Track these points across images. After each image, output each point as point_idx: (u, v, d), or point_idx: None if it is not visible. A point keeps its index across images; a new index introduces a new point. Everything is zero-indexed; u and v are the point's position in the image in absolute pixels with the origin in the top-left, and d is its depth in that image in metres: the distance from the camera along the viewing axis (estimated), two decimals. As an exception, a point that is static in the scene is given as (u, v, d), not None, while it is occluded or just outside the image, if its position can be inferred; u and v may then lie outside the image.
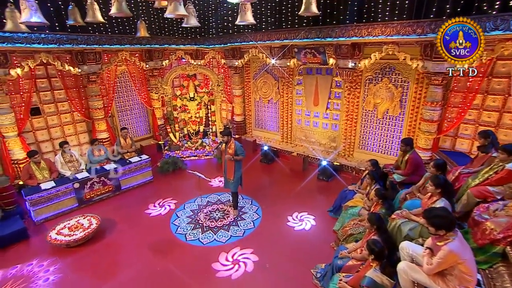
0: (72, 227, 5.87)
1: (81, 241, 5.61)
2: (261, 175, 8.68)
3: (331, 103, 8.75)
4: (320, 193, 7.53)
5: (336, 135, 8.90)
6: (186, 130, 10.05)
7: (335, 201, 6.58)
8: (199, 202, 7.06)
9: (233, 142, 6.13)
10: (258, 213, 6.59)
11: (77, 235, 5.63)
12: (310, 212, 6.59)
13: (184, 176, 8.47)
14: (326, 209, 6.65)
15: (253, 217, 6.46)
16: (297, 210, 6.66)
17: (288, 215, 6.51)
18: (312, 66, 8.68)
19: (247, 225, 6.19)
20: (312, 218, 6.40)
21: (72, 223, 5.98)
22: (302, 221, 6.33)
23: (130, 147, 8.52)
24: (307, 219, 6.37)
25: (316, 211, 6.64)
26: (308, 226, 6.16)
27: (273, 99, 10.12)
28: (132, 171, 7.74)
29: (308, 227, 6.11)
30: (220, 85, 9.71)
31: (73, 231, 5.76)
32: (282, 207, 6.80)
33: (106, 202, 7.24)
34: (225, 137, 6.10)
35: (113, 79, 9.33)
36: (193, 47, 10.65)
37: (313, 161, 9.01)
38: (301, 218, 6.44)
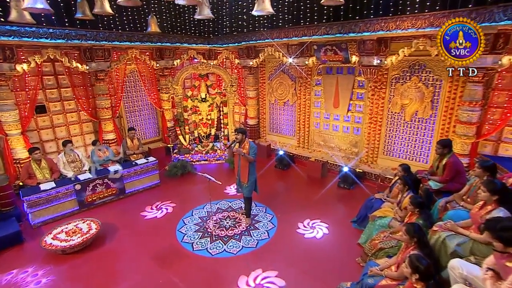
0: (70, 231, 5.44)
1: (78, 248, 5.17)
2: (276, 181, 8.16)
3: (352, 105, 8.23)
4: (342, 202, 6.96)
5: (358, 139, 8.33)
6: (197, 133, 9.64)
7: (360, 211, 5.98)
8: (208, 208, 6.57)
9: (248, 142, 5.66)
10: (273, 222, 6.06)
11: (74, 241, 5.19)
12: (330, 223, 6.03)
13: (193, 181, 8.06)
14: (349, 219, 6.07)
15: (268, 226, 5.92)
16: (315, 220, 6.11)
17: (305, 225, 5.96)
18: (332, 65, 8.20)
19: (261, 235, 5.65)
20: (331, 229, 5.83)
21: (70, 228, 5.55)
22: (320, 230, 5.75)
23: (137, 149, 8.13)
24: (326, 229, 5.80)
25: (336, 221, 6.08)
26: (328, 237, 5.58)
27: (290, 101, 9.67)
28: (137, 173, 7.34)
29: (328, 239, 5.53)
30: (234, 85, 9.29)
31: (70, 236, 5.32)
32: (299, 217, 6.25)
33: (109, 206, 6.82)
34: (239, 135, 5.61)
35: (122, 78, 9.05)
36: (206, 46, 10.38)
37: (333, 167, 8.45)
38: (320, 228, 5.87)
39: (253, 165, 5.75)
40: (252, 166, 5.72)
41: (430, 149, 7.06)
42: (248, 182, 5.72)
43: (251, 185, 5.77)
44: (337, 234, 5.68)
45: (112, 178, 6.87)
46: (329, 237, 5.58)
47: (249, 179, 5.70)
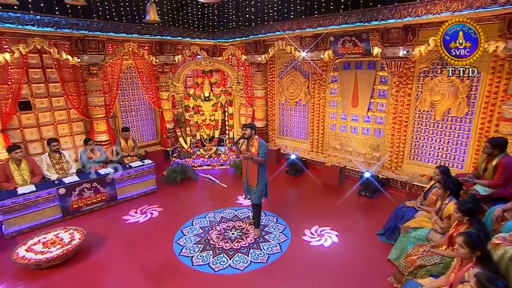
0: (48, 242, 4.83)
1: (57, 261, 4.55)
2: (288, 188, 7.57)
3: (374, 103, 7.65)
4: (364, 212, 6.34)
5: (380, 142, 7.71)
6: (199, 135, 9.10)
7: (388, 222, 5.33)
8: (210, 217, 5.96)
9: (257, 140, 5.12)
10: (285, 234, 5.43)
11: (53, 253, 4.58)
12: (352, 236, 5.40)
13: (194, 187, 7.51)
14: (374, 232, 5.43)
15: (280, 238, 5.30)
16: (334, 232, 5.49)
17: (321, 235, 5.31)
18: (350, 59, 7.69)
19: (272, 248, 5.02)
20: (354, 243, 5.18)
21: (49, 238, 4.94)
22: (341, 244, 5.10)
23: (132, 150, 7.58)
24: (348, 244, 5.15)
25: (359, 234, 5.46)
26: (351, 253, 4.92)
27: (302, 101, 9.14)
28: (131, 177, 6.76)
29: (352, 255, 4.87)
30: (241, 83, 8.76)
31: (48, 247, 4.71)
32: (315, 227, 5.61)
33: (98, 214, 6.24)
34: (247, 130, 5.08)
35: (118, 74, 8.59)
36: (210, 41, 10.00)
37: (352, 173, 7.83)
38: (340, 241, 5.21)
39: (264, 167, 5.20)
40: (262, 167, 5.17)
41: (466, 152, 6.41)
42: (257, 186, 5.16)
43: (260, 190, 5.21)
44: (362, 249, 5.02)
45: (103, 182, 6.29)
46: (352, 253, 4.93)
47: (259, 182, 5.15)
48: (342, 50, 7.38)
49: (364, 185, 6.95)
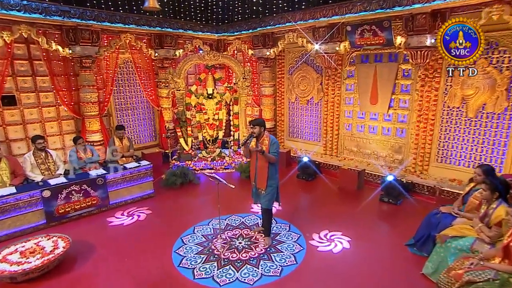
0: (27, 251, 4.35)
1: (35, 273, 4.06)
2: (301, 194, 7.14)
3: (395, 100, 7.22)
4: (388, 220, 5.88)
5: (403, 143, 7.26)
6: (201, 136, 8.68)
7: (418, 230, 4.82)
8: (215, 224, 5.50)
9: (268, 137, 4.73)
10: (300, 244, 4.95)
11: (31, 264, 4.10)
12: (377, 247, 4.91)
13: (196, 192, 7.09)
14: (402, 241, 4.91)
15: (294, 248, 4.82)
16: (356, 242, 5.00)
17: (343, 245, 4.85)
18: (369, 51, 7.31)
19: (286, 259, 4.54)
20: (380, 255, 4.69)
21: (28, 246, 4.47)
22: (365, 256, 4.60)
23: (127, 151, 7.15)
24: (373, 256, 4.65)
25: (386, 245, 4.97)
26: (378, 266, 4.42)
27: (314, 99, 8.74)
28: (126, 180, 6.32)
29: (379, 269, 4.37)
30: (247, 79, 8.35)
31: (26, 257, 4.22)
32: (333, 235, 5.14)
33: (87, 220, 5.79)
34: (255, 127, 4.68)
35: (113, 69, 8.21)
36: (214, 35, 9.69)
37: (371, 178, 7.36)
38: (364, 253, 4.73)
39: (275, 167, 4.77)
40: (273, 168, 4.75)
41: (505, 153, 5.91)
42: (267, 188, 4.74)
43: (271, 193, 4.78)
44: (390, 262, 4.51)
45: (93, 185, 5.84)
46: (380, 266, 4.41)
47: (269, 184, 4.73)
48: (360, 41, 6.98)
49: (386, 190, 6.45)
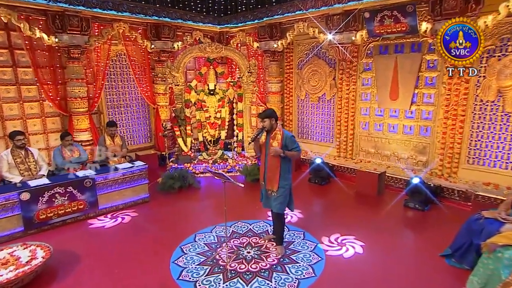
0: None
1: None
2: (314, 199, 6.77)
3: (418, 94, 6.87)
4: (416, 227, 5.43)
5: (427, 143, 6.89)
6: (201, 136, 8.31)
7: (456, 238, 4.40)
8: (218, 232, 5.10)
9: (281, 131, 4.35)
10: (318, 253, 4.53)
11: (2, 277, 3.64)
12: (409, 259, 4.51)
13: (196, 196, 6.72)
14: (436, 252, 4.47)
15: (311, 259, 4.40)
16: (379, 250, 4.59)
17: (368, 254, 4.38)
18: (388, 41, 7.03)
19: (303, 271, 4.11)
20: (413, 269, 4.26)
21: (1, 257, 4.00)
22: (393, 268, 4.16)
23: (119, 150, 6.71)
24: (404, 269, 4.23)
25: (417, 255, 4.56)
26: (412, 282, 3.96)
27: (326, 95, 8.41)
28: (118, 182, 5.94)
29: (414, 285, 3.90)
30: (253, 73, 8.00)
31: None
32: (357, 245, 4.72)
33: (73, 227, 5.36)
34: (265, 120, 4.30)
35: (105, 61, 7.89)
36: (216, 27, 9.42)
37: (392, 182, 6.97)
38: (392, 264, 4.29)
39: (288, 165, 4.41)
40: (286, 166, 4.38)
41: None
42: (278, 190, 4.36)
43: (283, 195, 4.38)
44: (424, 276, 4.06)
45: (80, 187, 5.41)
46: (412, 279, 3.97)
47: (280, 185, 4.34)
48: (380, 29, 6.67)
49: (411, 195, 6.04)
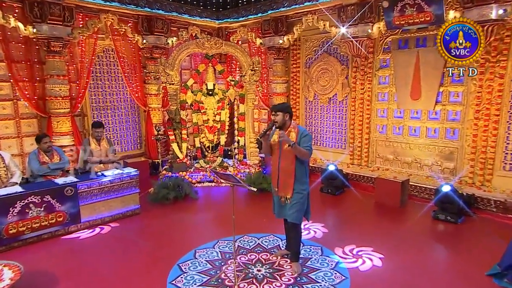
0: (-45, 284, 3.43)
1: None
2: (329, 210, 6.46)
3: (444, 93, 6.63)
4: (449, 242, 5.10)
5: (455, 148, 6.61)
6: (199, 142, 8.07)
7: (506, 254, 4.03)
8: (222, 247, 4.76)
9: (295, 128, 4.08)
10: (341, 272, 4.14)
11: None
12: (442, 274, 4.16)
13: (193, 208, 6.42)
14: (480, 271, 4.13)
15: (334, 278, 4.01)
16: (414, 266, 4.25)
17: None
18: (408, 34, 6.85)
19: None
20: (449, 282, 3.85)
21: (-41, 277, 3.55)
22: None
23: (105, 155, 6.29)
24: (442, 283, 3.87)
25: (457, 272, 4.20)
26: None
27: (338, 96, 8.20)
28: (104, 190, 5.59)
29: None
30: (256, 71, 7.79)
31: (-48, 292, 3.31)
32: (384, 264, 4.38)
33: (50, 244, 4.94)
34: (278, 113, 4.01)
35: (90, 57, 7.61)
36: (214, 22, 9.30)
37: (416, 191, 6.66)
38: (424, 277, 3.90)
39: (305, 167, 4.14)
40: (303, 168, 4.10)
41: None
42: (293, 195, 4.04)
43: (300, 201, 4.05)
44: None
45: (60, 196, 4.98)
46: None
47: (296, 190, 4.04)
48: (400, 20, 6.46)
49: (441, 205, 5.69)
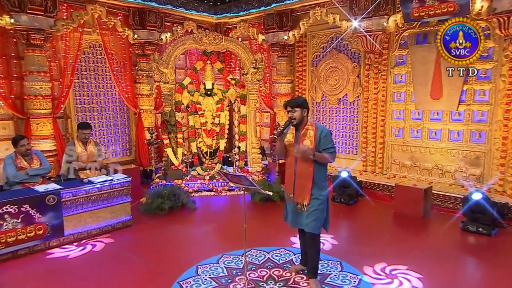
0: None
1: None
2: (344, 221, 6.27)
3: (468, 91, 6.52)
4: (484, 256, 4.86)
5: (482, 152, 6.46)
6: (196, 146, 7.89)
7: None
8: (227, 262, 4.51)
9: (313, 126, 3.87)
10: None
11: None
12: None
13: (192, 220, 6.24)
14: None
15: (359, 297, 3.73)
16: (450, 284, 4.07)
17: None
18: (428, 27, 6.81)
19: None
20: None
21: None
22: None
23: (93, 160, 6.01)
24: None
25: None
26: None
27: (349, 97, 8.14)
28: (91, 199, 5.29)
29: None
30: (260, 69, 7.67)
31: None
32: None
33: (28, 261, 4.61)
34: (295, 109, 3.82)
35: (75, 53, 7.38)
36: (212, 17, 9.34)
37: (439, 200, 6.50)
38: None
39: (324, 170, 3.93)
40: (322, 171, 3.90)
41: None
42: (311, 202, 3.80)
43: (319, 209, 3.83)
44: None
45: (40, 205, 4.67)
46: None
47: (314, 195, 3.80)
48: (419, 11, 6.40)
49: (471, 215, 5.44)
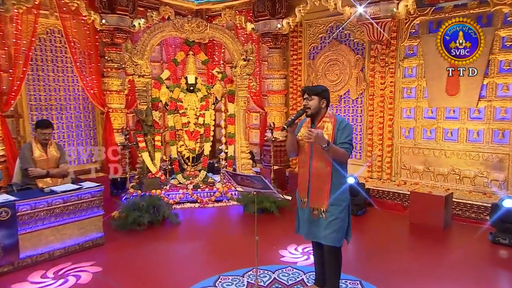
0: None
1: None
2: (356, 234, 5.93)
3: (489, 86, 6.50)
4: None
5: (505, 154, 6.45)
6: (176, 151, 7.67)
7: None
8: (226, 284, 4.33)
9: (332, 118, 3.74)
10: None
11: None
12: None
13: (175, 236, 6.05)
14: None
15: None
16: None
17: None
18: (442, 14, 6.80)
19: None
20: None
21: None
22: None
23: (55, 166, 5.57)
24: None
25: None
26: None
27: (351, 93, 8.10)
28: (55, 213, 4.89)
29: None
30: (250, 62, 7.56)
31: None
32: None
33: None
34: (313, 97, 3.68)
35: (29, 39, 6.98)
36: (193, 3, 9.09)
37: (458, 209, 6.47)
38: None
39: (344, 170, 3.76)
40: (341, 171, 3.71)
41: None
42: (329, 208, 3.63)
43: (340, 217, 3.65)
44: None
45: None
46: None
47: (334, 201, 3.62)
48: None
49: (502, 225, 5.37)
